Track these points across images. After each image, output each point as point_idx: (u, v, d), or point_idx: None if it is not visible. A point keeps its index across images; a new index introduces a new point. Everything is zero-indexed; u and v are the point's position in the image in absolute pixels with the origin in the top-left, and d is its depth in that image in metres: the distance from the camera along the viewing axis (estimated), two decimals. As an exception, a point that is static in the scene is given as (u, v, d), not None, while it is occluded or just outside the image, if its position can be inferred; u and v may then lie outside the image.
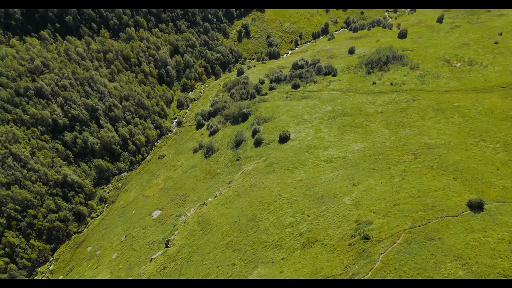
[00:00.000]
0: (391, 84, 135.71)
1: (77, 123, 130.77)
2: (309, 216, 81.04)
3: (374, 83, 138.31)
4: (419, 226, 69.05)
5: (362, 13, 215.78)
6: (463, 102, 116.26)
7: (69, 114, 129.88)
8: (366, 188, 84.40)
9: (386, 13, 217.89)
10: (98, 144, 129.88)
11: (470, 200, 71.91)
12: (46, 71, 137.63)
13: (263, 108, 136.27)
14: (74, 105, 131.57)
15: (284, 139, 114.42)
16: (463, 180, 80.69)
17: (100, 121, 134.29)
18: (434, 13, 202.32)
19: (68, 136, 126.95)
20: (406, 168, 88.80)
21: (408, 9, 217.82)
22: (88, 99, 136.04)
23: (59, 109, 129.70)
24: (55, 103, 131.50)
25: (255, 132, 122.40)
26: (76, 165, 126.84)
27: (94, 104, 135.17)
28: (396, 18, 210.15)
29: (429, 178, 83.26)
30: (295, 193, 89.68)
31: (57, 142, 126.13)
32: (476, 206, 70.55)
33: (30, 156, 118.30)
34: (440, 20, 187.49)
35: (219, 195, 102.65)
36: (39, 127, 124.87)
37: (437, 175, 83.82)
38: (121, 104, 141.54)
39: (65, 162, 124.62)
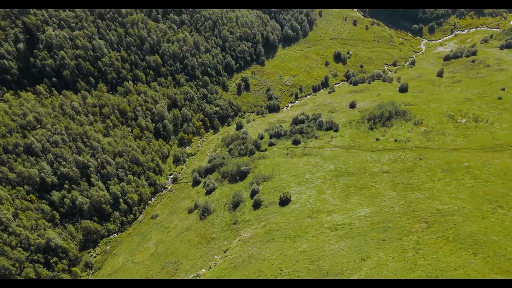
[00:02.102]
0: (395, 140, 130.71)
1: (66, 181, 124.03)
2: (313, 298, 71.89)
3: (377, 139, 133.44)
4: (441, 316, 60.13)
5: (361, 66, 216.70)
6: (473, 162, 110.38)
7: (59, 172, 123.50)
8: (376, 264, 75.96)
9: (385, 67, 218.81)
10: (87, 203, 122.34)
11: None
12: (38, 126, 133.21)
13: (262, 166, 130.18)
14: (64, 162, 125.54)
15: (284, 201, 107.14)
16: (485, 256, 72.58)
17: (91, 179, 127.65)
18: (434, 67, 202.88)
19: (55, 195, 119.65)
20: (419, 240, 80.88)
21: (407, 63, 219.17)
22: (80, 155, 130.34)
23: (48, 166, 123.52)
24: (45, 160, 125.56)
25: (254, 193, 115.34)
26: (62, 226, 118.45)
27: (85, 161, 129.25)
28: (395, 72, 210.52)
29: (446, 252, 75.16)
30: (297, 267, 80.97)
31: (43, 202, 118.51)
32: (504, 292, 61.93)
33: (13, 218, 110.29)
34: (440, 74, 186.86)
35: (213, 266, 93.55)
36: (25, 186, 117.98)
37: (455, 249, 75.78)
38: (114, 160, 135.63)
39: (50, 223, 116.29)
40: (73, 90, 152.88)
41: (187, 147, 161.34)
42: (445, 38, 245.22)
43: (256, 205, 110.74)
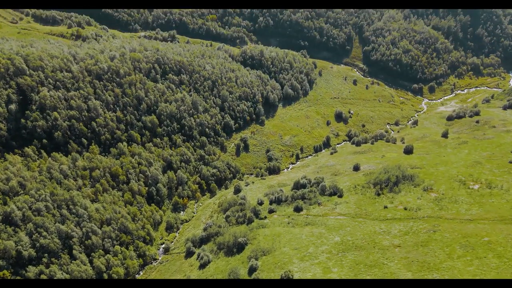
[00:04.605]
0: (405, 209, 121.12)
1: (46, 254, 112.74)
2: None
3: (385, 207, 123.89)
4: None
5: (363, 125, 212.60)
6: (493, 236, 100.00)
7: (38, 244, 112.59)
8: None
9: (387, 126, 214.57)
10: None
11: None
12: (22, 192, 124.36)
13: (261, 237, 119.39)
14: (45, 233, 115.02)
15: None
16: None
17: (73, 251, 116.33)
18: (438, 127, 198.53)
19: (31, 271, 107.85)
20: (445, 338, 68.79)
21: (410, 122, 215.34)
22: (63, 224, 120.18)
23: (27, 238, 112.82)
24: (24, 230, 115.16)
25: (252, 270, 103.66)
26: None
27: (69, 231, 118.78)
28: (398, 131, 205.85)
29: None
30: None
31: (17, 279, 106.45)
32: None
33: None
34: (445, 135, 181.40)
35: None
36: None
37: None
38: (101, 229, 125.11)
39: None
40: (63, 151, 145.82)
41: (182, 212, 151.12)
42: (445, 97, 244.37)
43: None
